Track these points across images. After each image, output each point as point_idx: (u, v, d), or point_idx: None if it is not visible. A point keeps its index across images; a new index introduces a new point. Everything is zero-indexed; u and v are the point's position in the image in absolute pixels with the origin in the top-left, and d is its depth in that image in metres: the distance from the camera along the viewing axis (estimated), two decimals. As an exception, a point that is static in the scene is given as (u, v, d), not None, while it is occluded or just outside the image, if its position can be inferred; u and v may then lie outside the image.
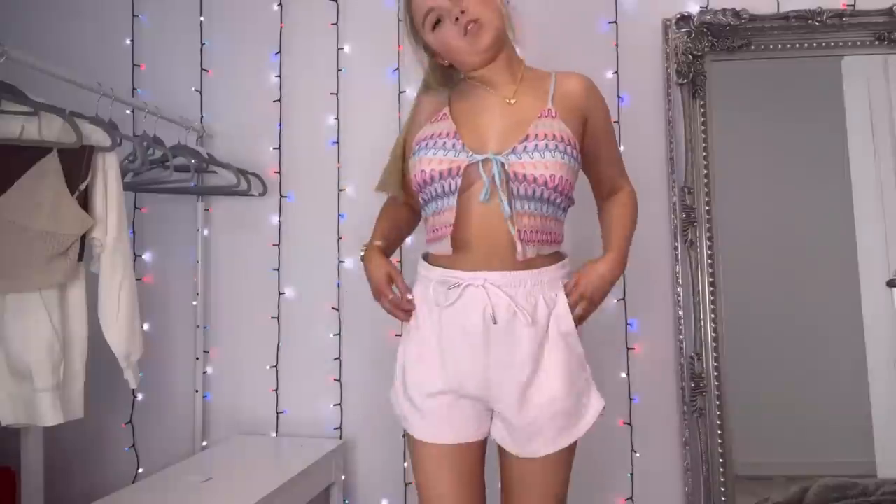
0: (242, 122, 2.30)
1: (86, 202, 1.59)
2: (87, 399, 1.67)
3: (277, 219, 2.26)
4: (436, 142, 1.29)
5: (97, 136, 1.61)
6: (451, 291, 1.27)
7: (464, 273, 1.27)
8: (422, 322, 1.32)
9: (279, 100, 2.27)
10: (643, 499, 2.02)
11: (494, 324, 1.24)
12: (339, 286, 2.21)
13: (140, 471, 2.24)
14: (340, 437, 2.17)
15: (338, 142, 2.24)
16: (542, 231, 1.28)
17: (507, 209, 1.24)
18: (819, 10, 1.98)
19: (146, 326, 2.23)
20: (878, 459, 2.00)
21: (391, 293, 1.34)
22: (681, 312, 2.00)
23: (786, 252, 2.08)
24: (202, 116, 2.30)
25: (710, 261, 2.00)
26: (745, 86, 2.09)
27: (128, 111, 2.16)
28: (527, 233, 1.26)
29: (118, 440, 2.25)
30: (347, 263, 2.21)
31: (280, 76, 2.28)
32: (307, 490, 1.90)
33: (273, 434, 2.21)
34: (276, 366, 2.23)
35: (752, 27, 2.01)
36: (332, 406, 2.19)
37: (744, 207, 2.07)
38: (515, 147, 1.26)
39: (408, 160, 1.38)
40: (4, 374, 1.54)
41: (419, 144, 1.32)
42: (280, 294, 2.24)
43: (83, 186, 1.58)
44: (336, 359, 2.20)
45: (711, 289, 1.99)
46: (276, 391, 2.23)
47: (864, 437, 2.01)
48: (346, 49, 2.25)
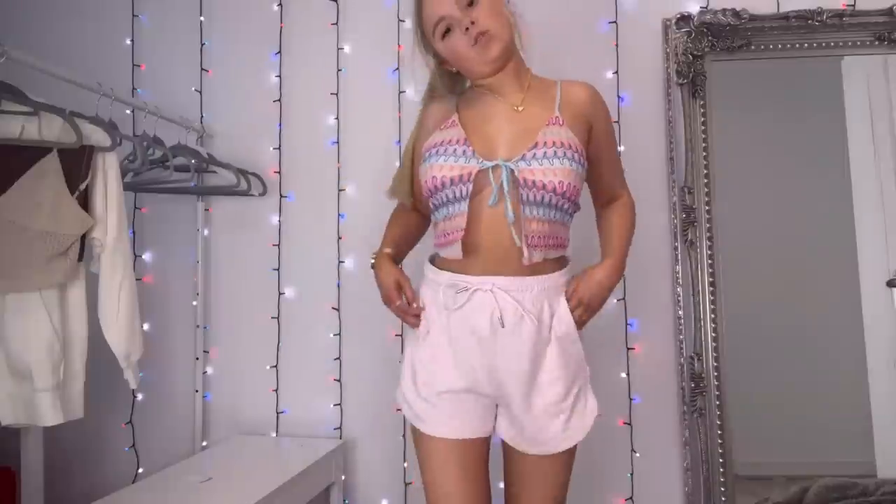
0: (242, 122, 2.30)
1: (86, 202, 1.59)
2: (87, 399, 1.67)
3: (277, 219, 2.26)
4: (446, 148, 1.32)
5: (97, 136, 1.61)
6: (460, 295, 1.30)
7: (472, 277, 1.30)
8: (431, 325, 1.35)
9: (279, 100, 2.27)
10: (643, 499, 2.02)
11: (502, 327, 1.28)
12: (339, 286, 2.21)
13: (140, 471, 2.24)
14: (340, 437, 2.17)
15: (338, 142, 2.24)
16: (550, 236, 1.31)
17: (511, 215, 1.27)
18: (819, 10, 1.98)
19: (146, 326, 2.23)
20: (878, 460, 2.00)
21: (400, 300, 1.37)
22: (681, 312, 2.01)
23: (786, 252, 2.08)
24: (202, 116, 2.30)
25: (710, 261, 2.00)
26: (745, 86, 2.09)
27: (128, 111, 2.16)
28: (535, 238, 1.28)
29: (118, 440, 2.25)
30: (347, 263, 2.21)
31: (280, 76, 2.28)
32: (307, 490, 1.90)
33: (273, 434, 2.21)
34: (276, 366, 2.23)
35: (752, 27, 2.01)
36: (332, 406, 2.19)
37: (744, 207, 2.07)
38: (525, 154, 1.29)
39: (417, 167, 1.41)
40: (4, 374, 1.54)
41: (430, 151, 1.34)
42: (280, 294, 2.24)
43: (83, 186, 1.58)
44: (336, 359, 2.20)
45: (711, 289, 1.99)
46: (276, 391, 2.23)
47: (864, 438, 2.01)
48: (346, 49, 2.25)
